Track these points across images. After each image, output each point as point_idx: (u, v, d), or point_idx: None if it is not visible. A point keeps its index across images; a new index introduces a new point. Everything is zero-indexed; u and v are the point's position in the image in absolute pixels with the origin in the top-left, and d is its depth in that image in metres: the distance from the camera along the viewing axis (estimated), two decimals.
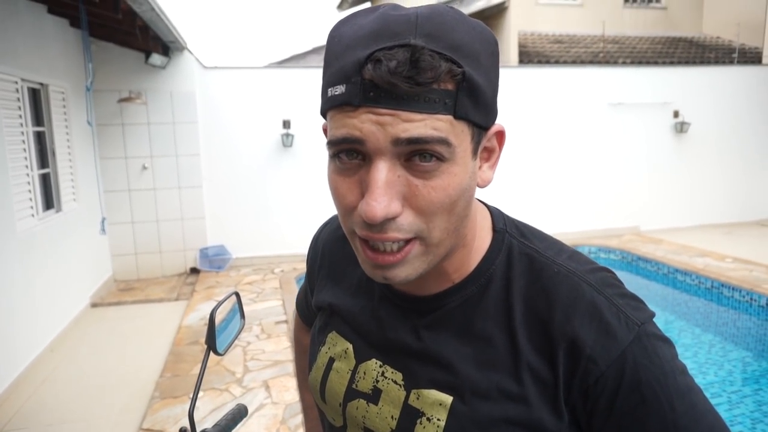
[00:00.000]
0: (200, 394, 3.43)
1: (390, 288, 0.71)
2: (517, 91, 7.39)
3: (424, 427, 0.64)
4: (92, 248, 5.65)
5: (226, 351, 1.17)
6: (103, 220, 5.76)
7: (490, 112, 0.58)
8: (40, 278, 4.30)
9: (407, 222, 0.55)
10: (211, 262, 6.49)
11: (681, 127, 7.84)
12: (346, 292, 0.78)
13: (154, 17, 4.49)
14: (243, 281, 6.03)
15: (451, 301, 0.66)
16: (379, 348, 0.71)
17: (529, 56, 9.48)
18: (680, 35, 11.75)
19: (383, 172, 0.53)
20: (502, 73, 6.07)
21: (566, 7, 11.43)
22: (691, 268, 5.88)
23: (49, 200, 4.77)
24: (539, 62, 9.23)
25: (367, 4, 16.84)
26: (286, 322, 4.66)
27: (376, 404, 0.69)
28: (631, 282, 6.58)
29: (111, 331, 4.78)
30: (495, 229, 0.68)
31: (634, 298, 0.63)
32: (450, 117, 0.53)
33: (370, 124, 0.52)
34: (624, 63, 9.54)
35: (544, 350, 0.61)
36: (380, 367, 0.70)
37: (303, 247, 6.66)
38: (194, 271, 6.46)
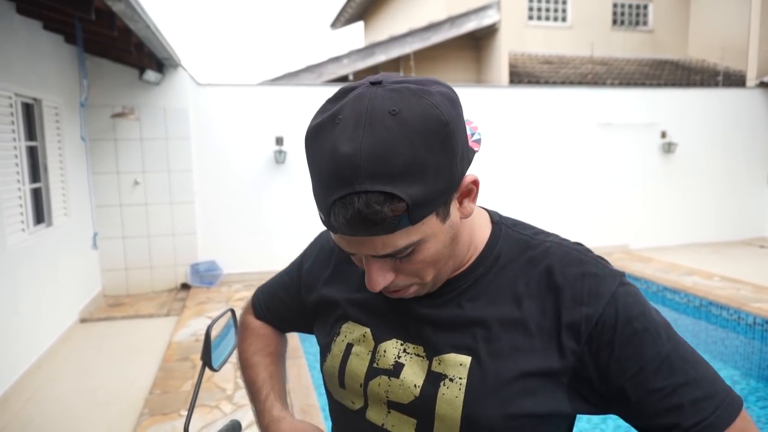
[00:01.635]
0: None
1: None
2: (508, 111, 7.50)
3: (447, 388, 0.73)
4: (82, 263, 5.61)
5: (221, 367, 1.19)
6: (95, 234, 5.74)
7: (450, 187, 0.67)
8: (29, 293, 4.26)
9: (402, 281, 0.72)
10: (202, 277, 6.46)
11: (668, 148, 7.97)
12: (356, 286, 0.87)
13: (149, 35, 4.53)
14: (234, 297, 6.00)
15: (463, 283, 0.78)
16: (398, 328, 0.80)
17: (519, 76, 9.63)
18: (667, 58, 12.00)
19: (372, 264, 0.70)
20: (493, 93, 6.13)
21: (556, 29, 11.66)
22: (679, 287, 5.94)
23: (39, 215, 4.75)
24: (529, 82, 9.38)
25: (360, 24, 17.07)
26: None
27: (398, 377, 0.77)
28: None
29: (100, 347, 4.74)
30: (493, 221, 0.82)
31: (607, 262, 0.77)
32: (409, 226, 0.65)
33: (351, 244, 0.68)
34: (612, 84, 9.71)
35: (547, 306, 0.72)
36: (401, 345, 0.79)
37: None
38: (185, 286, 6.42)
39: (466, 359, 0.72)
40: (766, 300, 5.28)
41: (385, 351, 0.79)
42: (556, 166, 7.73)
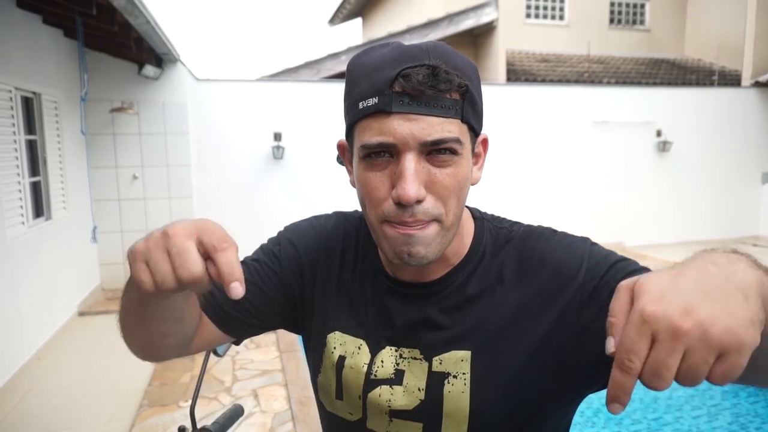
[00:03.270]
0: (189, 401, 3.45)
1: (396, 281, 0.80)
2: (505, 108, 7.55)
3: (453, 385, 0.73)
4: (80, 257, 5.64)
5: (225, 353, 1.24)
6: (94, 228, 5.77)
7: (481, 120, 0.72)
8: (28, 286, 4.29)
9: (430, 206, 0.68)
10: None
11: (663, 146, 8.04)
12: (347, 298, 0.83)
13: (149, 30, 4.56)
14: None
15: (455, 280, 0.77)
16: (390, 336, 0.79)
17: (516, 74, 9.68)
18: (663, 57, 12.06)
19: (412, 163, 0.66)
20: (491, 90, 6.16)
21: (553, 27, 11.70)
22: None
23: (39, 208, 4.77)
24: (526, 80, 9.42)
25: (358, 20, 17.08)
26: (275, 331, 4.69)
27: (401, 384, 0.76)
28: None
29: (98, 340, 4.77)
30: (475, 218, 0.82)
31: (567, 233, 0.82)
32: (458, 120, 0.67)
33: (402, 127, 0.65)
34: (608, 83, 9.77)
35: (534, 287, 0.74)
36: (396, 351, 0.78)
37: None
38: None
39: (467, 354, 0.73)
40: None
41: (382, 361, 0.78)
42: (551, 163, 7.78)
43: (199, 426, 1.18)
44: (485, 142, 0.77)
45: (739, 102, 8.44)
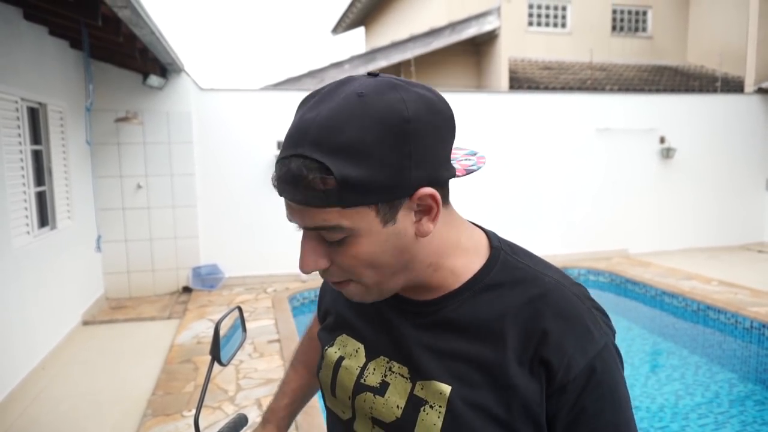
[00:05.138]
0: (193, 411, 3.44)
1: (398, 296, 0.79)
2: (508, 116, 7.56)
3: (427, 414, 0.72)
4: (85, 266, 5.66)
5: (229, 361, 1.23)
6: (99, 238, 5.79)
7: (396, 188, 0.64)
8: (34, 295, 4.31)
9: (336, 273, 0.70)
10: (203, 281, 6.51)
11: (667, 153, 8.02)
12: (343, 300, 0.87)
13: (154, 40, 4.59)
14: (235, 300, 6.05)
15: (449, 304, 0.75)
16: (387, 347, 0.79)
17: (519, 82, 9.70)
18: (665, 64, 12.07)
19: (306, 240, 0.69)
20: (493, 98, 6.19)
21: (555, 35, 11.74)
22: (677, 291, 5.98)
23: (44, 218, 4.80)
24: (529, 88, 9.44)
25: (361, 30, 17.17)
26: (278, 341, 4.68)
27: (383, 396, 0.77)
28: (620, 304, 6.68)
29: (103, 349, 4.78)
30: (492, 246, 0.78)
31: (604, 312, 0.76)
32: (338, 208, 0.63)
33: (288, 209, 0.68)
34: (611, 90, 9.78)
35: (530, 345, 0.69)
36: (388, 362, 0.79)
37: (295, 267, 6.69)
38: (186, 289, 6.47)
39: (447, 389, 0.71)
40: (764, 304, 5.33)
41: (374, 369, 0.79)
42: (555, 171, 7.78)
43: None
44: (432, 197, 0.67)
45: (742, 108, 8.43)
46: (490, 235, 0.81)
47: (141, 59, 5.19)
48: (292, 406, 1.12)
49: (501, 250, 0.77)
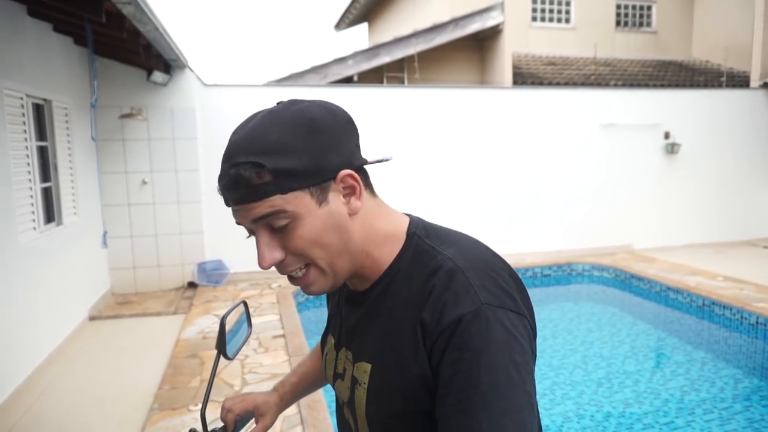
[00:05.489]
0: (199, 405, 3.46)
1: (347, 289, 0.92)
2: (511, 111, 7.54)
3: (358, 392, 0.83)
4: (91, 262, 5.69)
5: (234, 355, 1.24)
6: (105, 233, 5.82)
7: (320, 171, 0.75)
8: (40, 290, 4.33)
9: (291, 261, 0.78)
10: (208, 276, 6.52)
11: (672, 148, 7.99)
12: (332, 303, 1.03)
13: (158, 36, 4.60)
14: (241, 295, 6.06)
15: (374, 293, 0.85)
16: (344, 338, 0.92)
17: (522, 77, 9.67)
18: (670, 59, 12.01)
19: (259, 238, 0.77)
20: (496, 94, 6.18)
21: (559, 30, 11.69)
22: (683, 287, 5.97)
23: (50, 213, 4.82)
24: (533, 83, 9.41)
25: (364, 25, 17.13)
26: (283, 336, 4.70)
27: (343, 380, 0.90)
28: (624, 299, 6.67)
29: (109, 344, 4.80)
30: (408, 234, 0.85)
31: (502, 290, 0.75)
32: (278, 195, 0.73)
33: (237, 216, 0.78)
34: (615, 85, 9.74)
35: (418, 319, 0.76)
36: (345, 351, 0.91)
37: None
38: (192, 285, 6.49)
39: (368, 366, 0.82)
40: None
41: (341, 358, 0.92)
42: (559, 166, 7.76)
43: (210, 429, 1.18)
44: (352, 176, 0.77)
45: (747, 103, 8.39)
46: (412, 222, 0.87)
47: (145, 55, 5.20)
48: (299, 385, 1.23)
49: (415, 236, 0.84)
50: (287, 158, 0.73)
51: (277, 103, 0.80)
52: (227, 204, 0.78)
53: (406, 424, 0.77)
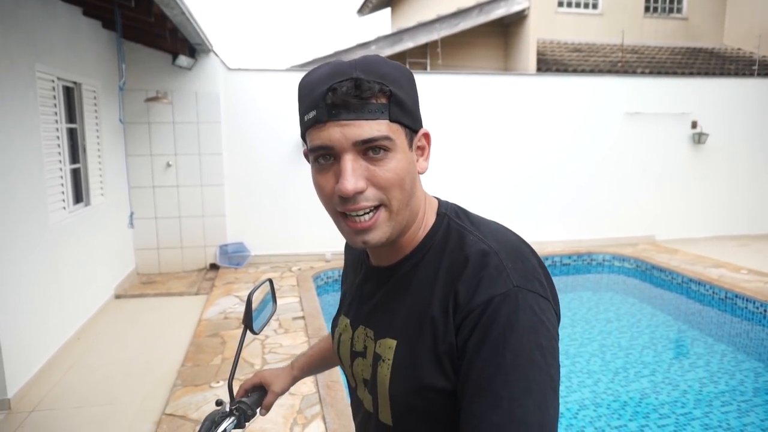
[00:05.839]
0: (220, 382, 3.56)
1: (369, 266, 0.94)
2: (535, 98, 7.46)
3: (381, 368, 0.85)
4: (117, 242, 5.84)
5: (260, 330, 1.29)
6: (132, 214, 5.96)
7: (415, 118, 0.81)
8: (70, 269, 4.48)
9: (371, 195, 0.77)
10: (230, 258, 6.65)
11: (699, 138, 7.84)
12: (349, 283, 1.05)
13: (184, 21, 4.65)
14: (261, 278, 6.17)
15: (403, 268, 0.87)
16: (363, 315, 0.93)
17: (547, 64, 9.53)
18: (701, 46, 11.71)
19: (349, 162, 0.76)
20: (520, 80, 6.12)
21: (586, 15, 11.46)
22: (705, 279, 5.90)
23: (78, 194, 4.95)
24: (557, 70, 9.28)
25: (387, 11, 17.01)
26: (303, 318, 4.78)
27: (365, 357, 0.90)
28: (645, 290, 6.61)
29: (134, 322, 4.95)
30: (438, 213, 0.88)
31: (533, 275, 0.78)
32: (387, 121, 0.76)
33: (336, 133, 0.75)
34: (643, 73, 9.55)
35: (449, 296, 0.78)
36: (364, 330, 0.91)
37: (319, 247, 6.77)
38: (213, 267, 6.62)
39: (393, 342, 0.83)
40: None
41: (357, 337, 0.92)
42: (582, 155, 7.68)
43: (236, 399, 1.24)
44: (426, 136, 0.84)
45: None
46: (441, 203, 0.91)
47: (171, 40, 5.27)
48: (312, 361, 1.32)
49: (446, 216, 0.87)
50: (401, 90, 0.78)
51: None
52: (328, 116, 0.75)
53: (428, 402, 0.78)
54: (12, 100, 3.60)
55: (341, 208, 0.78)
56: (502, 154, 7.45)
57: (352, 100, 0.74)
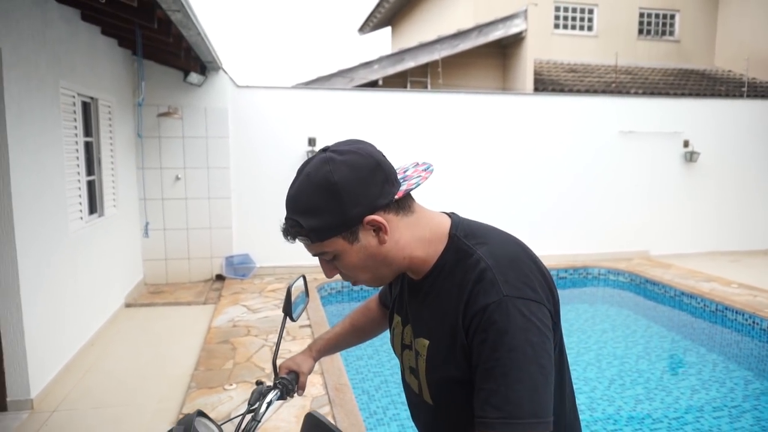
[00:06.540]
0: (234, 385, 3.72)
1: (408, 278, 1.14)
2: (532, 117, 7.72)
3: (418, 361, 1.08)
4: (127, 252, 6.00)
5: (297, 318, 1.48)
6: (147, 224, 6.15)
7: (345, 223, 0.97)
8: (86, 276, 4.64)
9: (345, 276, 1.07)
10: (235, 269, 6.81)
11: (691, 156, 8.10)
12: (395, 288, 1.26)
13: (199, 41, 4.89)
14: (267, 289, 6.33)
15: (426, 283, 1.08)
16: (406, 316, 1.16)
17: (543, 84, 9.83)
18: (692, 68, 12.06)
19: (321, 262, 1.06)
20: (517, 100, 6.36)
21: (581, 37, 11.82)
22: (697, 292, 6.09)
23: (93, 205, 5.13)
24: (554, 90, 9.57)
25: (387, 30, 17.37)
26: (309, 326, 4.94)
27: (411, 350, 1.13)
28: (639, 303, 6.80)
29: (145, 330, 5.09)
30: (450, 236, 1.06)
31: (524, 282, 0.96)
32: (316, 242, 0.99)
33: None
34: (636, 93, 9.85)
35: (459, 307, 0.98)
36: (409, 329, 1.14)
37: None
38: (219, 277, 6.78)
39: (426, 342, 1.05)
40: None
41: (405, 333, 1.15)
42: (578, 172, 7.92)
43: (280, 376, 1.42)
44: (373, 220, 0.98)
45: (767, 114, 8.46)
46: (453, 223, 1.08)
47: (184, 58, 5.50)
48: (328, 345, 1.54)
49: (455, 237, 1.05)
50: (316, 218, 0.96)
51: (322, 150, 1.02)
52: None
53: (455, 387, 1.00)
54: (41, 114, 3.80)
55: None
56: (500, 171, 7.68)
57: (288, 237, 1.02)
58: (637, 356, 5.04)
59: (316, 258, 1.15)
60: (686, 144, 8.15)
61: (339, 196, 0.95)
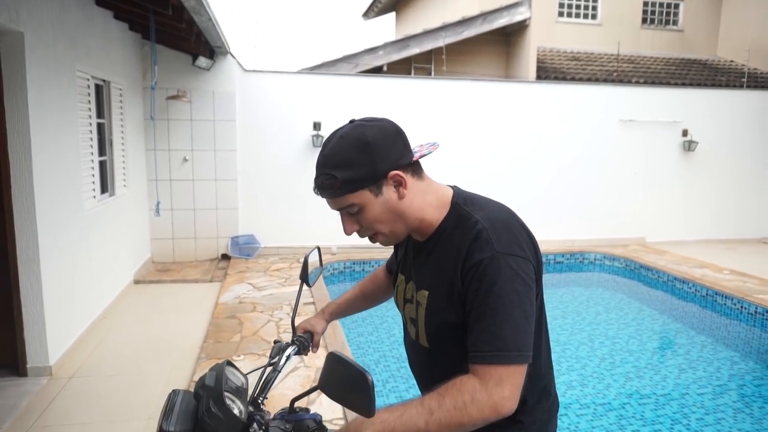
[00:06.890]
0: (242, 356, 3.92)
1: (412, 240, 1.32)
2: (534, 105, 7.84)
3: (418, 310, 1.26)
4: (136, 231, 6.19)
5: (313, 284, 1.68)
6: (158, 203, 6.35)
7: (372, 174, 1.13)
8: (98, 252, 4.82)
9: (365, 231, 1.22)
10: (241, 249, 7.00)
11: (689, 146, 8.23)
12: (401, 250, 1.43)
13: (210, 26, 5.02)
14: (271, 268, 6.52)
15: (430, 243, 1.25)
16: (410, 275, 1.33)
17: (546, 72, 9.92)
18: (695, 57, 12.12)
19: (342, 217, 1.21)
20: (519, 88, 6.48)
21: (585, 26, 11.87)
22: (689, 277, 6.27)
23: (104, 185, 5.30)
24: (556, 78, 9.67)
25: (392, 15, 17.37)
26: (313, 303, 5.14)
27: (412, 303, 1.31)
28: (633, 287, 6.98)
29: (154, 305, 5.30)
30: (452, 204, 1.24)
31: (514, 242, 1.13)
32: (347, 195, 1.14)
33: (329, 204, 1.20)
34: (638, 82, 9.94)
35: (458, 260, 1.14)
36: (412, 284, 1.31)
37: (326, 241, 7.13)
38: (225, 257, 6.97)
39: (426, 293, 1.21)
40: None
41: (408, 288, 1.32)
42: (578, 159, 8.05)
43: (298, 334, 1.59)
44: (396, 175, 1.15)
45: (766, 105, 8.55)
46: (455, 193, 1.26)
47: (194, 42, 5.63)
48: (340, 308, 1.71)
49: (457, 204, 1.22)
50: (350, 170, 1.11)
51: (350, 121, 1.19)
52: (321, 196, 1.19)
53: (450, 329, 1.17)
54: (58, 96, 3.96)
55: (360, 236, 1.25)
56: (502, 157, 7.82)
57: (320, 192, 1.16)
58: (629, 337, 5.23)
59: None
60: (685, 133, 8.27)
61: (371, 151, 1.12)
